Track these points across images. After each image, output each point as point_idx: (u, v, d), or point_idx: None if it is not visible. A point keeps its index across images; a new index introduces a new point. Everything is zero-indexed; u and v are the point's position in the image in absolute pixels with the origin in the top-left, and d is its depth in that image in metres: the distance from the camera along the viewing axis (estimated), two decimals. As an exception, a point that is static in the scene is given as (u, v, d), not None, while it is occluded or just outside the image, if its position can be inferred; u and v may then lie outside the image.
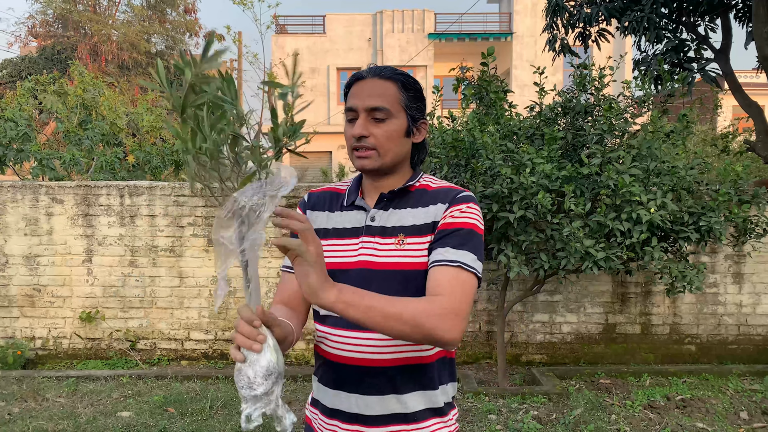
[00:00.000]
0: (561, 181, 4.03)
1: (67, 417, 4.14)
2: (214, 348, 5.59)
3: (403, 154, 1.40)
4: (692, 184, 4.12)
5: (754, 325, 5.54)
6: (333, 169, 20.71)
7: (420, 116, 1.40)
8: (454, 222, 1.30)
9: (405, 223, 1.35)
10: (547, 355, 5.54)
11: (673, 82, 4.68)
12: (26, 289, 5.52)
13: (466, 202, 1.33)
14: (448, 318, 1.16)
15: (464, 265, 1.25)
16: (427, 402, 1.35)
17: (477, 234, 1.31)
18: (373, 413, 1.33)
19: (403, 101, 1.36)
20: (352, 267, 1.35)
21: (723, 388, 4.82)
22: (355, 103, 1.35)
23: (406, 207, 1.37)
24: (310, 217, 1.47)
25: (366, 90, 1.35)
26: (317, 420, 1.44)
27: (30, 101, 7.94)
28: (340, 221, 1.42)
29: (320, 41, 22.30)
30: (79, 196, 5.50)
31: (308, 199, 1.51)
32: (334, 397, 1.37)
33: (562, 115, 4.61)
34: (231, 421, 4.07)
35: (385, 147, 1.35)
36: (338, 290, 1.10)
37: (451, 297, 1.20)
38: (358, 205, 1.42)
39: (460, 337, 1.18)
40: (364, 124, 1.34)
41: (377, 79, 1.36)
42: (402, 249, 1.32)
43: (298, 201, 5.48)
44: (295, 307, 1.42)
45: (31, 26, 23.82)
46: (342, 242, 1.39)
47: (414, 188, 1.41)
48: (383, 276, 1.32)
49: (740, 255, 5.45)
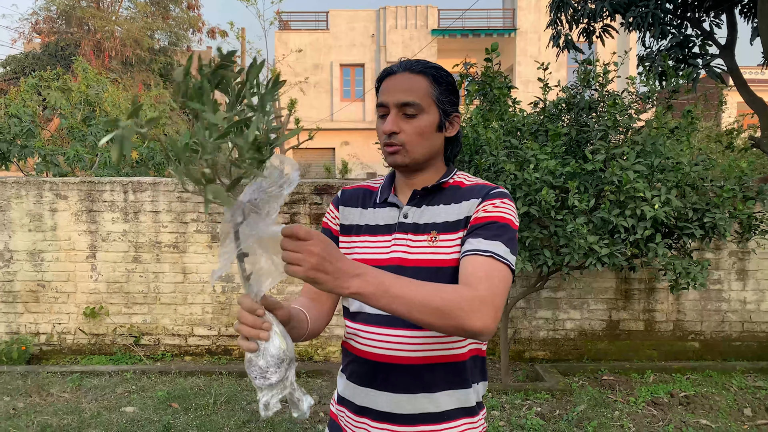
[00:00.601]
0: (565, 177, 4.02)
1: (72, 412, 4.15)
2: (217, 344, 5.60)
3: (435, 149, 1.38)
4: (697, 181, 4.11)
5: (758, 322, 5.53)
6: (336, 165, 20.70)
7: (452, 110, 1.38)
8: (487, 216, 1.28)
9: (438, 220, 1.33)
10: (550, 352, 5.54)
11: (678, 78, 4.65)
12: (30, 284, 5.54)
13: (500, 198, 1.31)
14: (479, 307, 1.12)
15: (496, 255, 1.22)
16: (458, 401, 1.33)
17: (511, 228, 1.28)
18: (404, 411, 1.31)
19: (434, 95, 1.34)
20: (384, 264, 1.33)
21: (727, 385, 4.82)
22: (386, 98, 1.34)
23: (439, 204, 1.36)
24: (343, 213, 1.47)
25: (397, 85, 1.33)
26: (344, 418, 1.41)
27: (34, 97, 7.96)
28: (372, 218, 1.42)
29: (323, 37, 22.27)
30: (83, 192, 5.51)
31: (341, 195, 1.51)
32: (363, 395, 1.35)
33: (566, 111, 4.60)
34: (234, 417, 4.08)
35: (416, 142, 1.33)
36: (361, 280, 1.04)
37: (482, 286, 1.16)
38: (391, 202, 1.41)
39: (492, 327, 1.13)
40: (394, 120, 1.32)
41: (408, 74, 1.34)
42: (434, 246, 1.31)
43: (301, 197, 5.48)
44: (318, 300, 1.41)
45: (35, 22, 23.86)
46: (375, 239, 1.39)
47: (447, 185, 1.39)
48: (415, 273, 1.29)
49: (744, 252, 5.44)
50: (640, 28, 5.73)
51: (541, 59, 4.61)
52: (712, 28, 6.07)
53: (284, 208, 5.50)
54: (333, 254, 1.01)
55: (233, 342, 5.59)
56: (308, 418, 4.09)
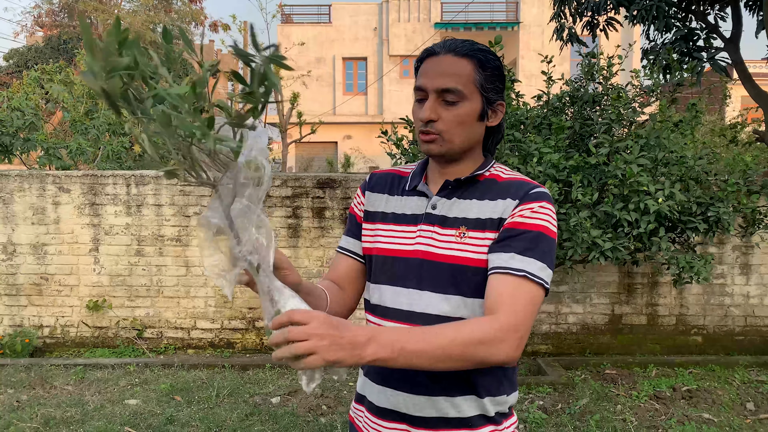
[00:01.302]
0: (568, 170, 4.01)
1: (75, 404, 4.17)
2: (220, 337, 5.61)
3: (475, 140, 1.28)
4: (700, 174, 4.10)
5: (762, 317, 5.52)
6: (339, 159, 20.68)
7: (497, 97, 1.27)
8: (522, 222, 1.19)
9: (468, 215, 1.25)
10: (552, 346, 5.54)
11: (682, 72, 4.63)
12: (34, 277, 5.55)
13: (539, 201, 1.21)
14: (503, 338, 1.07)
15: (529, 274, 1.14)
16: (478, 408, 1.25)
17: (548, 238, 1.19)
18: (423, 414, 1.25)
19: (478, 81, 1.23)
20: (408, 255, 1.28)
21: (729, 379, 4.81)
22: (425, 82, 1.23)
23: (472, 198, 1.27)
24: (369, 199, 1.40)
25: (438, 68, 1.22)
26: (362, 419, 1.36)
27: (36, 91, 7.96)
28: (399, 206, 1.34)
29: (326, 31, 22.21)
30: (85, 186, 5.51)
31: (369, 180, 1.43)
32: (380, 394, 1.30)
33: (570, 104, 4.58)
34: (237, 410, 4.09)
35: (455, 132, 1.23)
36: (375, 345, 0.98)
37: (510, 312, 1.10)
38: (420, 190, 1.32)
39: (516, 356, 1.10)
40: (433, 107, 1.22)
41: (451, 56, 1.23)
42: (462, 242, 1.23)
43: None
44: (342, 286, 1.39)
45: (37, 16, 23.85)
46: (400, 228, 1.31)
47: (483, 178, 1.29)
48: (438, 268, 1.24)
49: (748, 246, 5.42)
50: (645, 20, 5.70)
51: (545, 53, 4.59)
52: (716, 21, 6.03)
53: (287, 202, 5.50)
54: (339, 327, 0.96)
55: (236, 335, 5.60)
56: (313, 410, 4.10)
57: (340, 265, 1.41)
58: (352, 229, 1.42)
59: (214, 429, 3.81)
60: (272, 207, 5.50)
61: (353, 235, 1.42)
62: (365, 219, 1.40)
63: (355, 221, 1.42)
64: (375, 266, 1.35)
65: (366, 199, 1.41)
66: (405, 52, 21.46)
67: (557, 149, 4.04)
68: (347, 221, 1.45)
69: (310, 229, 5.52)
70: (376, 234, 1.36)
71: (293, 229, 5.52)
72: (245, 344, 5.60)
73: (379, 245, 1.34)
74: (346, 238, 1.43)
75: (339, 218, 5.52)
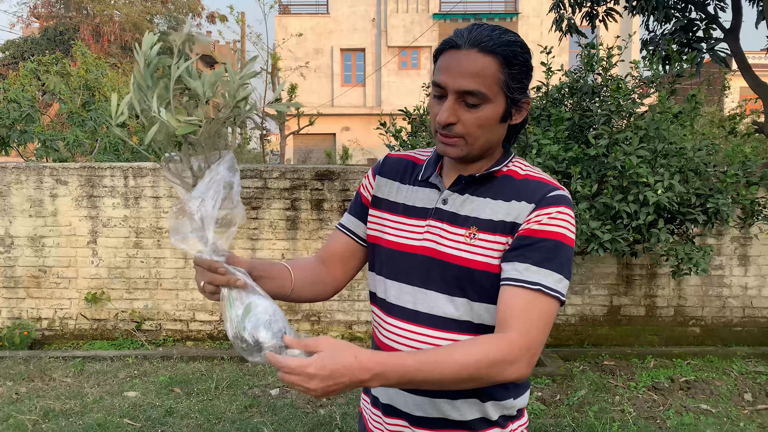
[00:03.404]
0: (567, 162, 4.00)
1: (74, 396, 4.17)
2: (219, 329, 5.61)
3: (496, 140, 1.21)
4: (700, 166, 4.09)
5: (759, 308, 5.53)
6: (337, 150, 20.64)
7: (522, 96, 1.18)
8: (539, 230, 1.12)
9: (481, 215, 1.18)
10: (551, 337, 5.55)
11: (682, 63, 4.61)
12: (32, 270, 5.54)
13: (557, 205, 1.13)
14: (517, 359, 1.04)
15: (545, 288, 1.09)
16: (480, 411, 1.21)
17: (566, 246, 1.12)
18: (424, 414, 1.22)
19: (503, 81, 1.13)
20: (414, 251, 1.23)
21: (727, 370, 4.83)
22: (445, 80, 1.14)
23: (486, 196, 1.19)
24: (378, 183, 1.34)
25: (460, 66, 1.12)
26: (368, 411, 1.35)
27: (33, 82, 7.92)
28: (410, 197, 1.28)
29: (324, 21, 22.12)
30: (83, 178, 5.49)
31: (383, 162, 1.37)
32: (382, 391, 1.27)
33: (569, 95, 4.56)
34: (236, 401, 4.09)
35: (477, 135, 1.15)
36: (380, 380, 0.98)
37: (523, 331, 1.05)
38: (433, 182, 1.26)
39: (527, 374, 1.06)
40: (452, 109, 1.13)
41: (475, 53, 1.12)
42: (471, 244, 1.16)
43: (302, 182, 5.45)
44: (330, 264, 1.36)
45: (33, 7, 23.70)
46: (409, 221, 1.26)
47: (500, 173, 1.22)
48: (445, 268, 1.19)
49: (746, 237, 5.42)
50: (644, 11, 5.68)
51: (544, 43, 4.56)
52: (716, 11, 6.00)
53: (285, 194, 5.49)
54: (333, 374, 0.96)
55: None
56: (312, 401, 4.10)
57: (336, 243, 1.38)
58: (356, 208, 1.38)
59: (213, 421, 3.82)
60: (270, 199, 5.49)
61: (356, 214, 1.38)
62: (372, 204, 1.34)
63: (361, 202, 1.37)
64: (379, 257, 1.31)
65: (376, 183, 1.35)
66: (403, 43, 21.38)
67: (556, 141, 4.03)
68: (353, 199, 1.40)
69: (309, 221, 5.51)
70: (383, 223, 1.31)
71: (291, 221, 5.51)
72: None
73: (385, 236, 1.29)
74: (348, 216, 1.39)
75: (337, 210, 5.50)
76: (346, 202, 5.48)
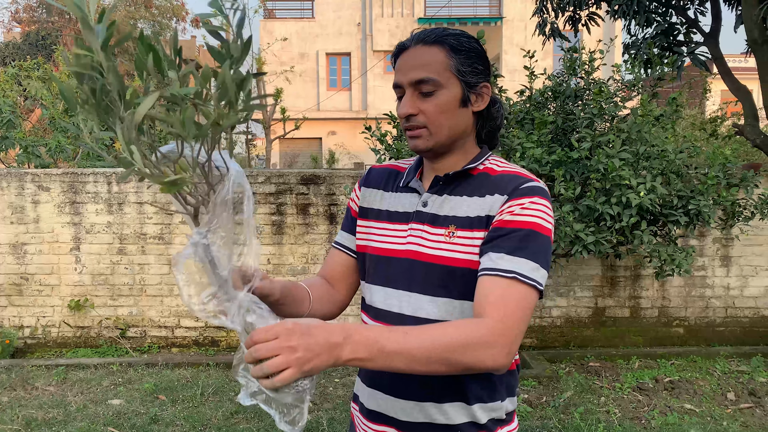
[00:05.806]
0: (551, 165, 4.03)
1: (57, 405, 4.12)
2: (204, 335, 5.57)
3: (462, 128, 1.22)
4: (681, 168, 4.14)
5: (741, 308, 5.60)
6: (323, 155, 20.61)
7: (477, 80, 1.20)
8: (512, 220, 1.12)
9: (458, 213, 1.19)
10: (536, 339, 5.58)
11: (663, 66, 4.67)
12: (14, 277, 5.47)
13: (531, 196, 1.14)
14: (492, 343, 1.01)
15: (519, 276, 1.07)
16: (467, 415, 1.21)
17: (540, 235, 1.11)
18: (411, 419, 1.22)
19: (453, 66, 1.17)
20: (399, 255, 1.24)
21: (711, 370, 4.88)
22: (399, 78, 1.19)
23: (463, 194, 1.21)
24: (364, 194, 1.37)
25: (409, 61, 1.18)
26: (357, 418, 1.36)
27: (14, 87, 7.83)
28: (393, 203, 1.30)
29: (309, 26, 22.10)
30: (65, 184, 5.43)
31: (367, 175, 1.40)
32: (370, 397, 1.28)
33: (552, 99, 4.60)
34: (222, 408, 4.07)
35: (438, 123, 1.18)
36: (351, 345, 0.93)
37: (499, 316, 1.03)
38: (413, 186, 1.29)
39: (505, 363, 1.03)
40: (411, 101, 1.18)
41: (421, 46, 1.18)
42: (451, 242, 1.18)
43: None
44: (333, 283, 1.37)
45: (15, 11, 23.44)
46: (392, 227, 1.28)
47: (476, 171, 1.23)
48: (427, 269, 1.20)
49: (728, 238, 5.49)
50: (626, 15, 5.73)
51: (528, 48, 4.61)
52: (696, 15, 6.08)
53: (270, 198, 5.47)
54: (309, 331, 0.90)
55: (220, 333, 5.57)
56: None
57: (334, 261, 1.39)
58: (348, 223, 1.41)
59: (199, 428, 3.79)
60: (256, 204, 5.47)
61: (348, 229, 1.40)
62: (360, 215, 1.37)
63: (351, 216, 1.40)
64: (368, 265, 1.32)
65: (361, 194, 1.38)
66: (388, 47, 21.41)
67: (540, 144, 4.06)
68: (345, 214, 1.43)
69: (295, 225, 5.50)
70: (369, 232, 1.33)
71: (277, 225, 5.49)
72: (230, 342, 5.57)
73: (372, 244, 1.31)
74: (341, 233, 1.42)
75: (324, 214, 5.50)
76: (333, 207, 5.47)
